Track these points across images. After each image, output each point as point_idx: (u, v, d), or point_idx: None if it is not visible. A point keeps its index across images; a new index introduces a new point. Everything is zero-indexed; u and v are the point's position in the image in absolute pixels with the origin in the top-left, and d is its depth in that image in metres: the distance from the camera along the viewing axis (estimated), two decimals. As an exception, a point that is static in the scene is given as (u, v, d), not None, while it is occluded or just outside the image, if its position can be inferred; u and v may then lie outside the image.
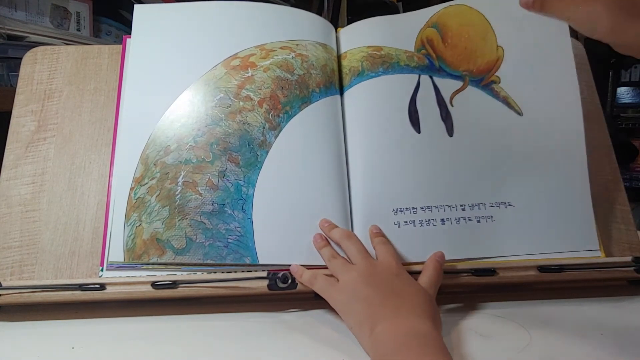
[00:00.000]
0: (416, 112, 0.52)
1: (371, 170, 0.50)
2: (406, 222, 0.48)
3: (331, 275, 0.44)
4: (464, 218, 0.48)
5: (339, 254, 0.45)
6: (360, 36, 0.56)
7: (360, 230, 0.48)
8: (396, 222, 0.48)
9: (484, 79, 0.52)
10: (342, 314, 0.40)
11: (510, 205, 0.49)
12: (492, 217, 0.49)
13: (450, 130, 0.51)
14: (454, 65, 0.53)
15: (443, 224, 0.48)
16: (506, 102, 0.52)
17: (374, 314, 0.37)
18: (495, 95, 0.52)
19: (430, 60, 0.53)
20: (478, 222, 0.48)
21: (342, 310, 0.40)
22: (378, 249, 0.45)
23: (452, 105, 0.52)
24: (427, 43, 0.54)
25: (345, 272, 0.42)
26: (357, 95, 0.53)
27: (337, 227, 0.47)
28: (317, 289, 0.43)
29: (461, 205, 0.49)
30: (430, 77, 0.53)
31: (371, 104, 0.52)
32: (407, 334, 0.35)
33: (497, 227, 0.48)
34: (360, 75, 0.54)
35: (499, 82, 0.52)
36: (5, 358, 0.39)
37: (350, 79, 0.54)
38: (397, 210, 0.48)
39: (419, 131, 0.51)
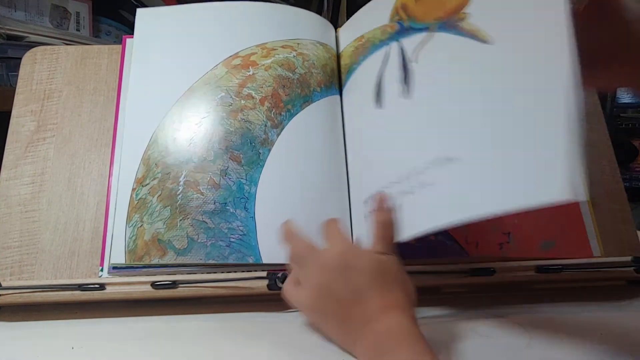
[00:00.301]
0: (380, 86, 0.48)
1: (359, 166, 0.50)
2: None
3: None
4: (406, 191, 0.41)
5: (296, 261, 0.42)
6: (350, 32, 0.56)
7: (361, 227, 0.47)
8: (366, 215, 0.46)
9: (450, 20, 0.44)
10: (321, 333, 0.40)
11: (458, 160, 0.39)
12: (433, 183, 0.40)
13: (410, 92, 0.44)
14: (424, 19, 0.46)
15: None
16: (473, 35, 0.42)
17: (348, 331, 0.37)
18: (461, 31, 0.43)
19: (401, 24, 0.48)
20: (413, 193, 0.41)
21: (319, 331, 0.40)
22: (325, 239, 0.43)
23: (417, 62, 0.45)
24: (402, 9, 0.49)
25: (296, 293, 0.40)
26: (348, 92, 0.54)
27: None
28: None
29: (407, 176, 0.42)
30: (397, 41, 0.48)
31: (353, 97, 0.52)
32: (381, 340, 0.34)
33: (437, 192, 0.39)
34: (350, 71, 0.54)
35: (466, 18, 0.43)
36: (5, 358, 0.39)
37: (345, 77, 0.54)
38: (366, 201, 0.46)
39: (381, 106, 0.47)
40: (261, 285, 0.45)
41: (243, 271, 0.46)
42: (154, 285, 0.44)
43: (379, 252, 0.39)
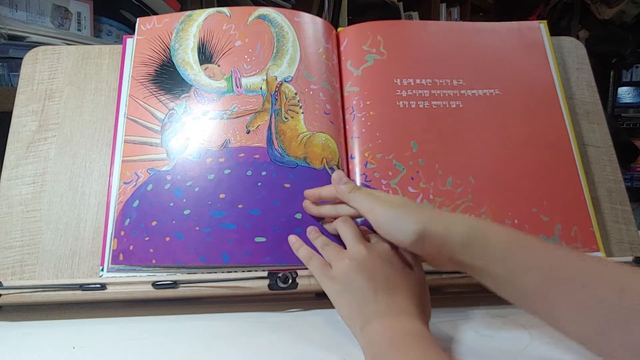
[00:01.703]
0: None
1: None
2: None
3: None
4: None
5: (332, 242, 0.44)
6: None
7: None
8: None
9: None
10: (334, 303, 0.39)
11: None
12: None
13: None
14: None
15: None
16: None
17: (366, 311, 0.37)
18: None
19: None
20: None
21: (334, 299, 0.39)
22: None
23: None
24: None
25: (339, 259, 0.40)
26: None
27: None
28: (311, 270, 0.42)
29: None
30: None
31: None
32: (398, 333, 0.35)
33: None
34: None
35: None
36: (5, 358, 0.39)
37: None
38: None
39: None
40: (262, 285, 0.45)
41: (243, 271, 0.46)
42: (154, 285, 0.44)
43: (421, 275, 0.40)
